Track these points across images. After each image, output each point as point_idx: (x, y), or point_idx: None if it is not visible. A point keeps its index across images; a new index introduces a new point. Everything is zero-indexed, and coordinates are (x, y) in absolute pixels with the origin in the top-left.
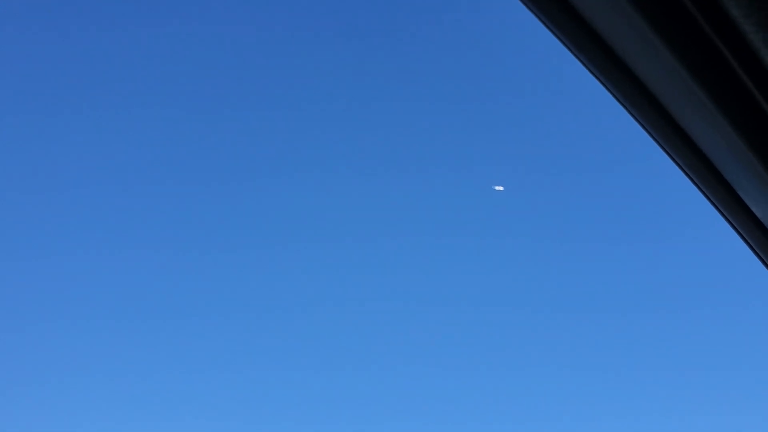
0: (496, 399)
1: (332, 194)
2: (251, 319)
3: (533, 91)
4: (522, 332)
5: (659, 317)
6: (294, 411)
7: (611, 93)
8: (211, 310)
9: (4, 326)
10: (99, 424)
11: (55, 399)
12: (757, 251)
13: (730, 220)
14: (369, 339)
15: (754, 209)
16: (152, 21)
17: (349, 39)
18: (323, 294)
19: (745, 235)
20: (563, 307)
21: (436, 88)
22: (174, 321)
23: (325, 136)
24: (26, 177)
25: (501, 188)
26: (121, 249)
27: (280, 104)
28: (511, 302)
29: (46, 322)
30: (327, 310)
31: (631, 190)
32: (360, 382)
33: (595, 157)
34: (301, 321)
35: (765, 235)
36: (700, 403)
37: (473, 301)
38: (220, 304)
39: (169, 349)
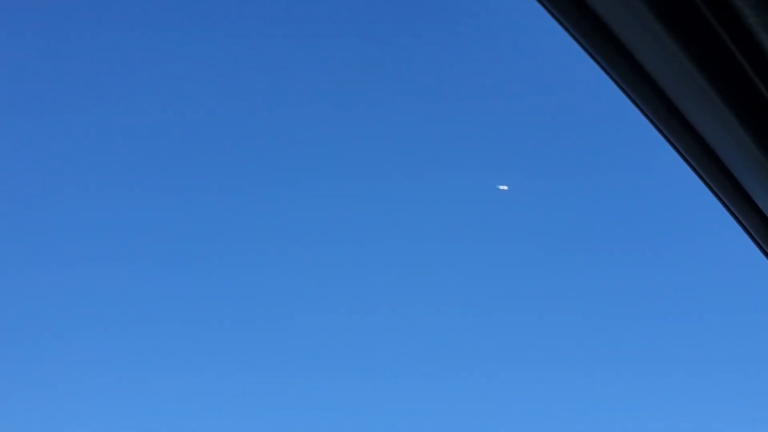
0: (500, 403)
1: (333, 196)
2: (252, 323)
3: (539, 89)
4: (525, 335)
5: (666, 320)
6: (296, 417)
7: (614, 80)
8: (213, 314)
9: (8, 331)
10: (98, 426)
11: (55, 401)
12: (764, 248)
13: (737, 215)
14: (370, 343)
15: (761, 205)
16: (149, 20)
17: (350, 38)
18: (324, 298)
19: (752, 231)
20: (569, 310)
21: (439, 87)
22: (176, 324)
23: (327, 136)
24: (26, 182)
25: (505, 187)
26: (120, 253)
27: (279, 105)
28: (516, 305)
29: (46, 326)
30: (329, 313)
31: (638, 191)
32: (362, 387)
33: (601, 157)
34: (303, 325)
35: None
36: (705, 407)
37: (477, 303)
38: (222, 308)
39: (171, 353)
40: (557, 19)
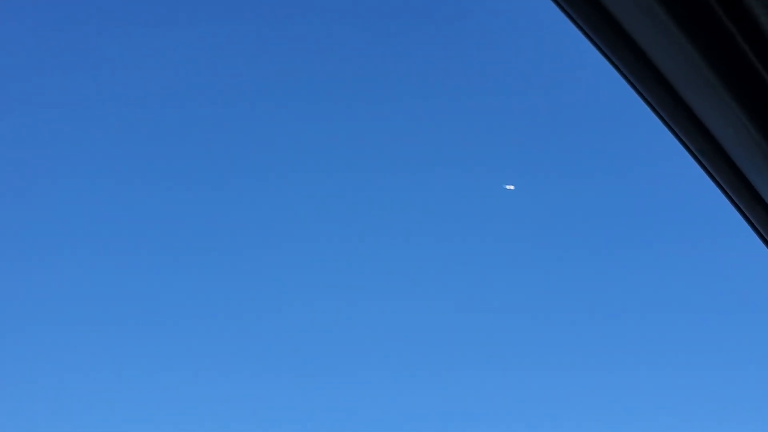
0: (502, 401)
1: (337, 194)
2: (248, 321)
3: (546, 87)
4: (528, 333)
5: (672, 318)
6: (294, 415)
7: (623, 75)
8: (209, 312)
9: (6, 328)
10: (96, 425)
11: (53, 400)
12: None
13: (746, 212)
14: (371, 340)
15: (766, 198)
16: (146, 18)
17: (356, 36)
18: (326, 296)
19: (760, 229)
20: (572, 309)
21: (444, 85)
22: (174, 323)
23: (332, 133)
24: (19, 178)
25: (512, 187)
26: (119, 250)
27: (283, 102)
28: (518, 304)
29: (44, 325)
30: (329, 311)
31: (645, 189)
32: (361, 385)
33: (608, 156)
34: (301, 323)
35: None
36: (707, 407)
37: (479, 302)
38: (219, 306)
39: (167, 352)
40: (568, 14)
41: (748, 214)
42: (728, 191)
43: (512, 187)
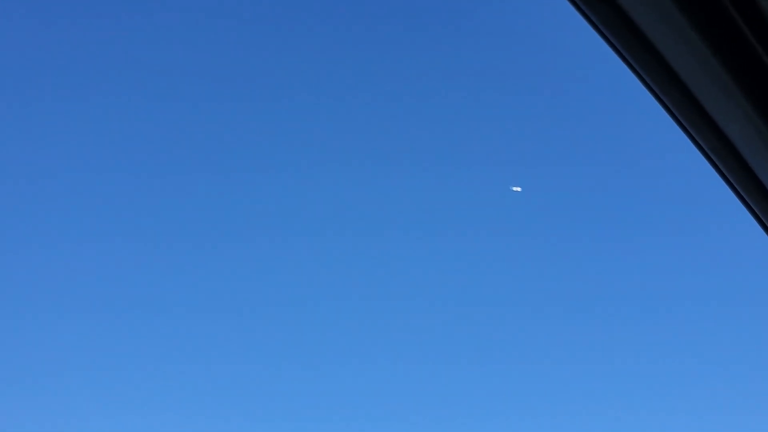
0: (503, 400)
1: (341, 191)
2: (251, 314)
3: (553, 83)
4: (532, 332)
5: (683, 315)
6: (295, 408)
7: (634, 70)
8: (211, 305)
9: (6, 326)
10: (95, 422)
11: (48, 396)
12: None
13: (756, 211)
14: (373, 337)
15: None
16: (142, 11)
17: (356, 29)
18: (326, 291)
19: (765, 221)
20: (577, 308)
21: (449, 82)
22: (175, 316)
23: (336, 130)
24: (15, 169)
25: (519, 189)
26: (118, 242)
27: (289, 97)
28: (519, 303)
29: (41, 318)
30: (331, 307)
31: (651, 187)
32: (362, 379)
33: (615, 154)
34: (302, 317)
35: None
36: (710, 403)
37: (482, 301)
38: (220, 299)
39: (168, 345)
40: (579, 9)
41: (759, 214)
42: (740, 190)
43: (519, 189)
